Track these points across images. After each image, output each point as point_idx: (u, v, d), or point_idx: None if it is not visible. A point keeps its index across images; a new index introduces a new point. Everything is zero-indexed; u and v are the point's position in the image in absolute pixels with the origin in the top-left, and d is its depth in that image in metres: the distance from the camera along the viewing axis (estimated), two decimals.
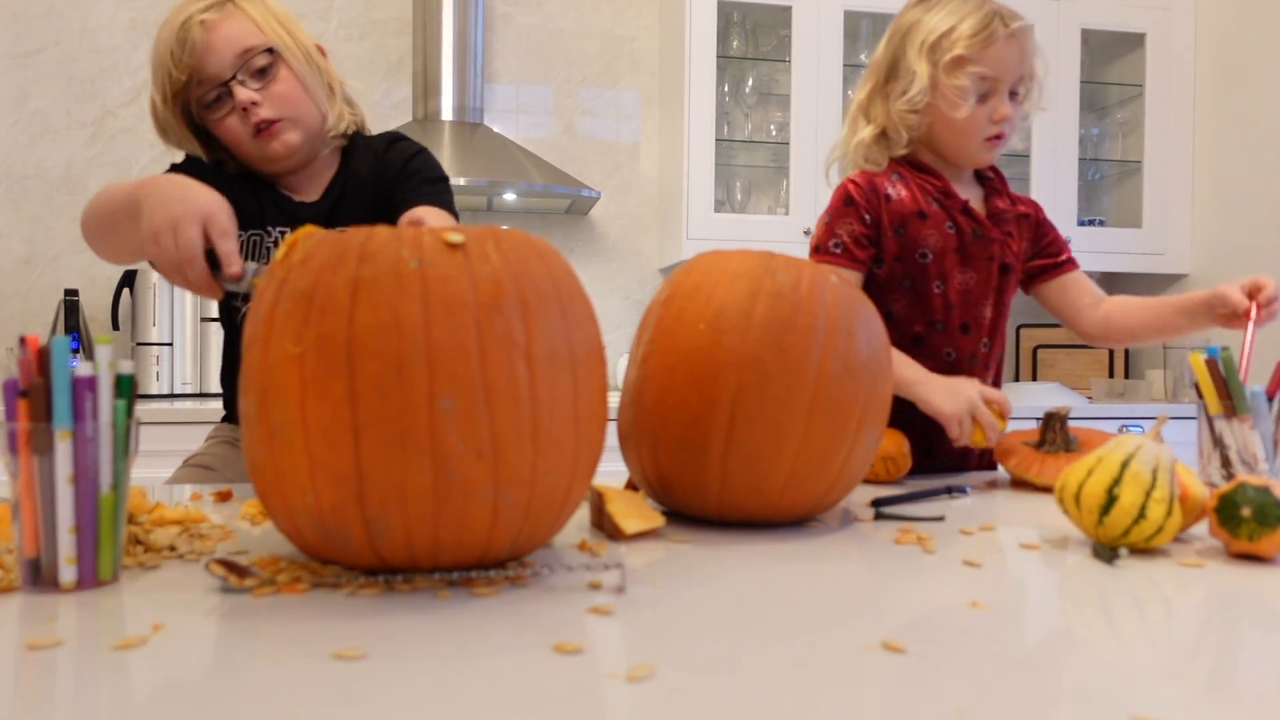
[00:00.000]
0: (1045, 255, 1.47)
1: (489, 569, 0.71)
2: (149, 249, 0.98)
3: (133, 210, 1.02)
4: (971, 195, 1.42)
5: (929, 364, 1.32)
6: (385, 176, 1.30)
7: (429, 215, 1.20)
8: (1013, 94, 1.34)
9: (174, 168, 1.28)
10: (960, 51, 1.30)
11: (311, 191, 1.31)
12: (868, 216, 1.35)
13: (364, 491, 0.64)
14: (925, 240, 1.36)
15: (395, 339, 0.63)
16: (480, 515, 0.66)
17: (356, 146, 1.32)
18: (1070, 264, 1.48)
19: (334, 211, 1.30)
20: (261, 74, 1.20)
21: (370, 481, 0.64)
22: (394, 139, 1.34)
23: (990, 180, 1.44)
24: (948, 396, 1.24)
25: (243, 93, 1.18)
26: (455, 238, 0.67)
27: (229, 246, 0.98)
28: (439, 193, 1.28)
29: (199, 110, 1.21)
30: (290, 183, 1.31)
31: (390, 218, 1.23)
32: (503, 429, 0.65)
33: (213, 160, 1.28)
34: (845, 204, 1.36)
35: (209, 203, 0.98)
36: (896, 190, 1.37)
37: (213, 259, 0.98)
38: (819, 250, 1.37)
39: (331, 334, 0.64)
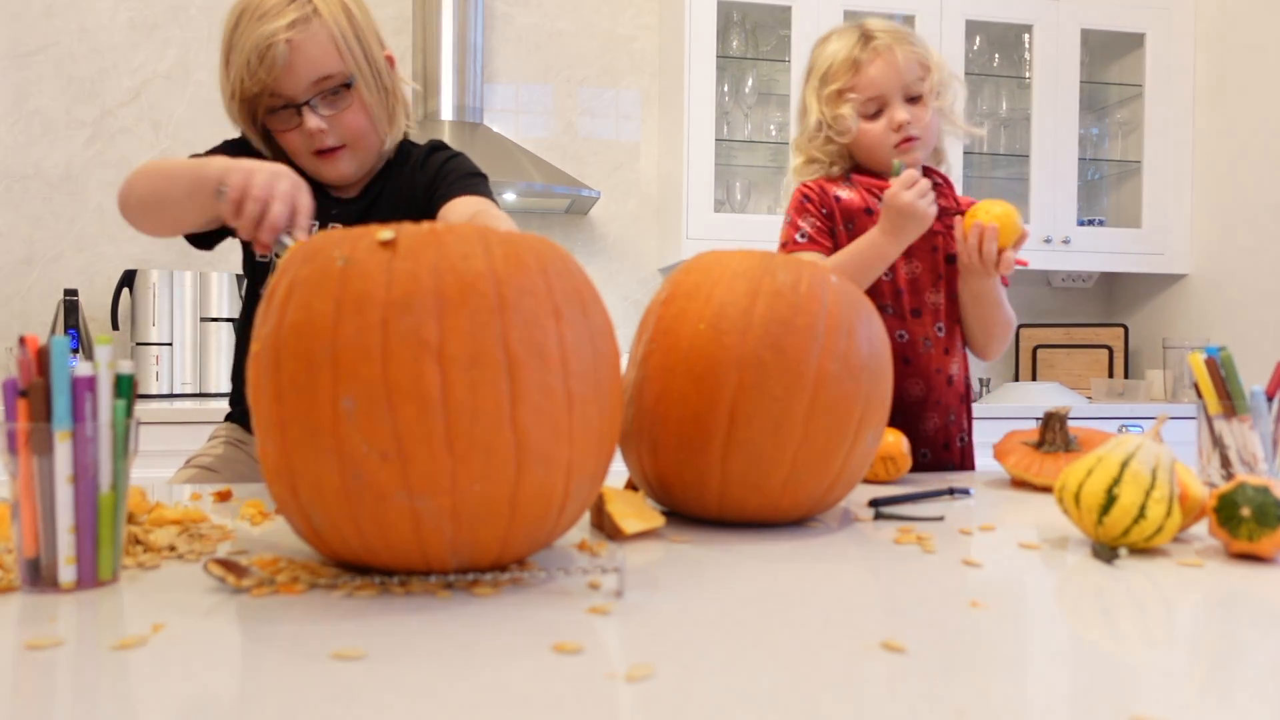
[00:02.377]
0: None
1: (486, 570, 0.71)
2: (234, 180, 1.01)
3: (198, 180, 1.06)
4: None
5: None
6: (422, 181, 1.33)
7: (471, 204, 1.24)
8: (915, 98, 1.44)
9: (227, 144, 1.32)
10: (836, 86, 1.44)
11: (351, 189, 1.35)
12: (824, 210, 1.48)
13: (296, 487, 0.66)
14: None
15: (308, 338, 0.63)
16: (399, 520, 0.64)
17: (401, 153, 1.36)
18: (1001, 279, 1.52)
19: (369, 210, 1.33)
20: (334, 98, 1.22)
21: (298, 478, 0.65)
22: (434, 148, 1.38)
23: (939, 185, 1.53)
24: (902, 226, 1.34)
25: (313, 120, 1.21)
26: (386, 235, 0.65)
27: (306, 221, 1.03)
28: (475, 185, 1.31)
29: (264, 114, 1.23)
30: (337, 189, 1.35)
31: (429, 216, 1.27)
32: (408, 432, 0.62)
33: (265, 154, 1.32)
34: (803, 202, 1.49)
35: (301, 180, 1.04)
36: (846, 192, 1.49)
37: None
38: (786, 245, 1.47)
39: (271, 333, 0.66)
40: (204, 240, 1.33)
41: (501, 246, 0.67)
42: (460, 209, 1.24)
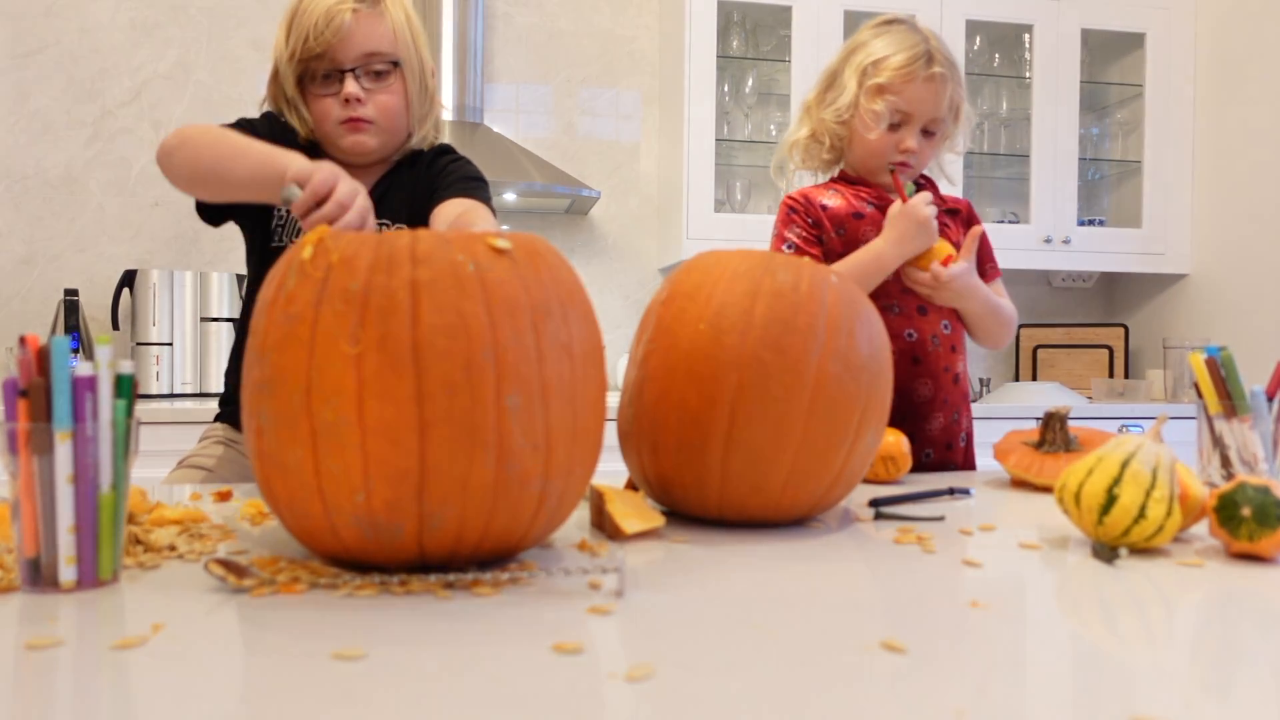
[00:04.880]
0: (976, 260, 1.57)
1: (488, 570, 0.71)
2: (316, 179, 1.05)
3: (267, 167, 1.10)
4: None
5: (893, 344, 1.43)
6: (426, 182, 1.37)
7: (459, 205, 1.27)
8: (930, 132, 1.47)
9: (266, 116, 1.37)
10: (882, 80, 1.44)
11: (364, 180, 1.38)
12: (809, 219, 1.49)
13: (425, 487, 0.66)
14: (865, 235, 1.47)
15: (463, 340, 0.66)
16: (528, 506, 0.70)
17: (411, 156, 1.41)
18: (991, 274, 1.57)
19: (378, 203, 1.37)
20: (377, 77, 1.30)
21: (433, 476, 0.66)
22: (441, 151, 1.43)
23: (922, 186, 1.56)
24: (914, 237, 1.38)
25: (352, 86, 1.28)
26: (502, 243, 0.70)
27: (373, 227, 1.08)
28: (474, 189, 1.34)
29: (308, 79, 1.30)
30: (347, 168, 1.36)
31: (427, 214, 1.31)
32: (556, 424, 0.69)
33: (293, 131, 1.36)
34: (789, 214, 1.51)
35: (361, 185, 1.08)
36: (833, 199, 1.51)
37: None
38: None
39: (395, 335, 0.65)
40: (217, 215, 1.34)
41: (557, 253, 0.76)
42: (448, 210, 1.27)
